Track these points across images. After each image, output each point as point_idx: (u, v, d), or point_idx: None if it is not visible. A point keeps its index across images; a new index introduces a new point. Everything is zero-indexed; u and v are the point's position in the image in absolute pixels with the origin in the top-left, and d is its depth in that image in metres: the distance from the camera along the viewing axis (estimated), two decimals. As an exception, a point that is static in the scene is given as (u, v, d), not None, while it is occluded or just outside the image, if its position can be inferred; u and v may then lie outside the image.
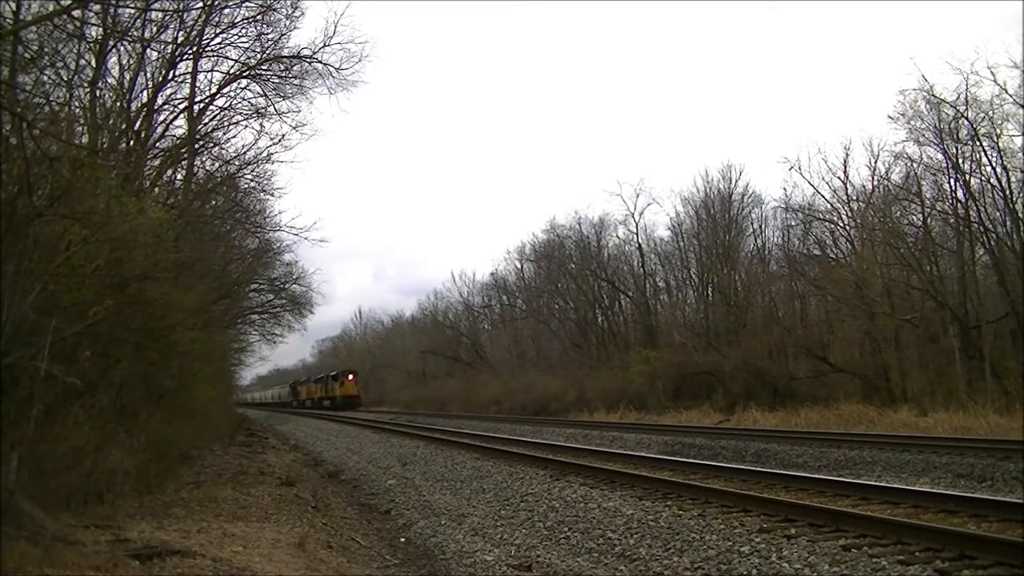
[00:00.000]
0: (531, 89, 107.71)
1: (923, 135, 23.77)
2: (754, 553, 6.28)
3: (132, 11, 10.75)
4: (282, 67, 16.53)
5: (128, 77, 14.43)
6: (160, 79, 15.43)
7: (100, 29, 11.32)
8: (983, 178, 23.45)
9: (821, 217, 29.25)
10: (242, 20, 15.40)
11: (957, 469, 11.11)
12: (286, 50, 16.37)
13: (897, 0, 65.38)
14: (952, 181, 23.83)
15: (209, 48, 16.07)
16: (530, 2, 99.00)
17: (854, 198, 28.31)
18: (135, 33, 12.93)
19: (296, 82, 16.62)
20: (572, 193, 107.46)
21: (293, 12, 15.46)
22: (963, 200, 23.65)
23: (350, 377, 54.46)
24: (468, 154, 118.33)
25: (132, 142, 13.96)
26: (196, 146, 17.13)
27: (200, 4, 14.19)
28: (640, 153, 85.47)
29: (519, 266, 51.76)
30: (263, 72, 16.58)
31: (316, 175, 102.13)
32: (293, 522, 8.48)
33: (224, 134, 17.79)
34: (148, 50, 14.29)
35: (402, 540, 8.28)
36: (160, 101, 15.80)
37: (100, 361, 7.84)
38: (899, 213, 26.13)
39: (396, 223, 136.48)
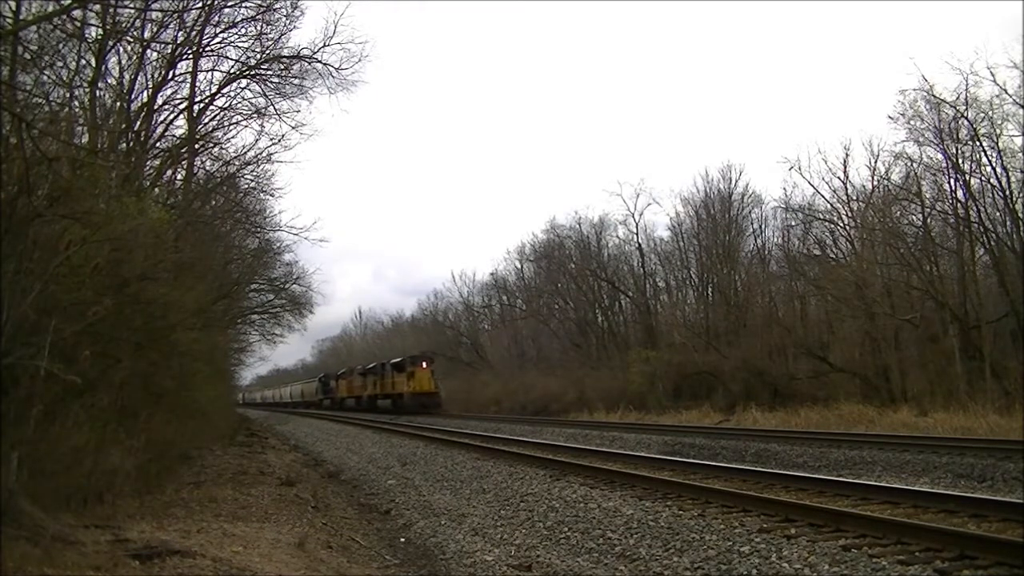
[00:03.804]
0: (531, 89, 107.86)
1: (923, 135, 23.83)
2: (754, 553, 6.28)
3: (132, 11, 10.77)
4: (282, 67, 16.56)
5: (128, 77, 14.46)
6: (160, 79, 15.46)
7: (100, 29, 11.36)
8: (983, 178, 23.52)
9: (821, 217, 29.31)
10: (242, 20, 15.46)
11: (957, 469, 11.10)
12: (286, 50, 16.42)
13: (897, 0, 65.41)
14: (952, 181, 23.89)
15: (209, 48, 16.11)
16: (530, 2, 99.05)
17: (854, 198, 28.39)
18: (135, 33, 12.98)
19: (296, 82, 16.67)
20: (572, 193, 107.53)
21: (293, 12, 15.50)
22: (963, 200, 23.69)
23: (423, 365, 38.01)
24: (467, 154, 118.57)
25: (132, 142, 13.97)
26: (196, 146, 17.15)
27: (200, 4, 14.20)
28: (640, 153, 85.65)
29: (519, 266, 51.83)
30: (263, 72, 16.61)
31: (316, 175, 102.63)
32: (293, 522, 8.48)
33: (224, 134, 17.83)
34: (148, 50, 14.33)
35: (402, 540, 8.28)
36: (160, 101, 15.84)
37: (100, 361, 7.84)
38: (899, 213, 26.16)
39: (396, 223, 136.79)
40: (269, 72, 16.61)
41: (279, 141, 17.39)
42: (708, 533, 7.03)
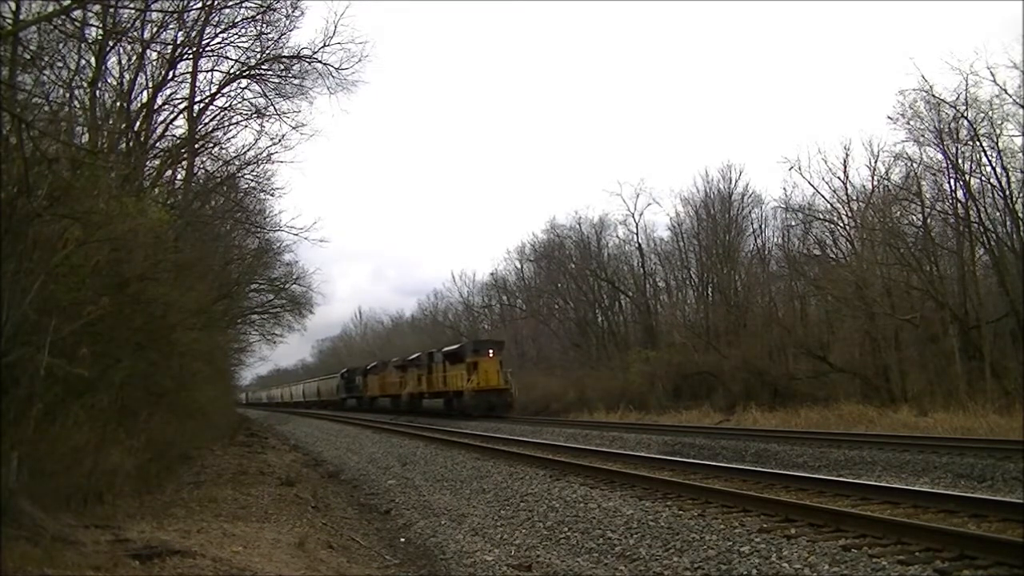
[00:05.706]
0: (531, 89, 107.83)
1: (923, 135, 23.82)
2: (754, 553, 6.28)
3: (132, 11, 10.78)
4: (282, 67, 16.57)
5: (128, 77, 14.48)
6: (160, 79, 15.47)
7: (100, 29, 11.36)
8: (983, 178, 23.50)
9: (821, 217, 29.29)
10: (242, 20, 15.46)
11: (957, 469, 11.10)
12: (286, 50, 16.43)
13: (897, 0, 65.40)
14: (952, 181, 23.88)
15: (209, 48, 16.13)
16: (530, 2, 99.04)
17: (854, 198, 28.36)
18: (135, 33, 12.97)
19: (296, 82, 16.68)
20: (572, 193, 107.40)
21: (293, 12, 15.50)
22: (963, 200, 23.68)
23: (490, 354, 30.27)
24: (467, 154, 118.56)
25: (132, 142, 13.97)
26: (196, 146, 17.17)
27: (200, 4, 14.20)
28: (640, 153, 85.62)
29: (519, 266, 51.82)
30: (263, 72, 16.63)
31: (316, 175, 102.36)
32: (293, 522, 8.48)
33: (224, 134, 17.86)
34: (148, 50, 14.33)
35: (402, 540, 8.28)
36: (160, 101, 15.86)
37: (100, 361, 7.84)
38: (899, 213, 26.14)
39: (396, 223, 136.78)
40: (269, 72, 16.64)
41: (279, 141, 17.43)
42: (708, 533, 7.02)
